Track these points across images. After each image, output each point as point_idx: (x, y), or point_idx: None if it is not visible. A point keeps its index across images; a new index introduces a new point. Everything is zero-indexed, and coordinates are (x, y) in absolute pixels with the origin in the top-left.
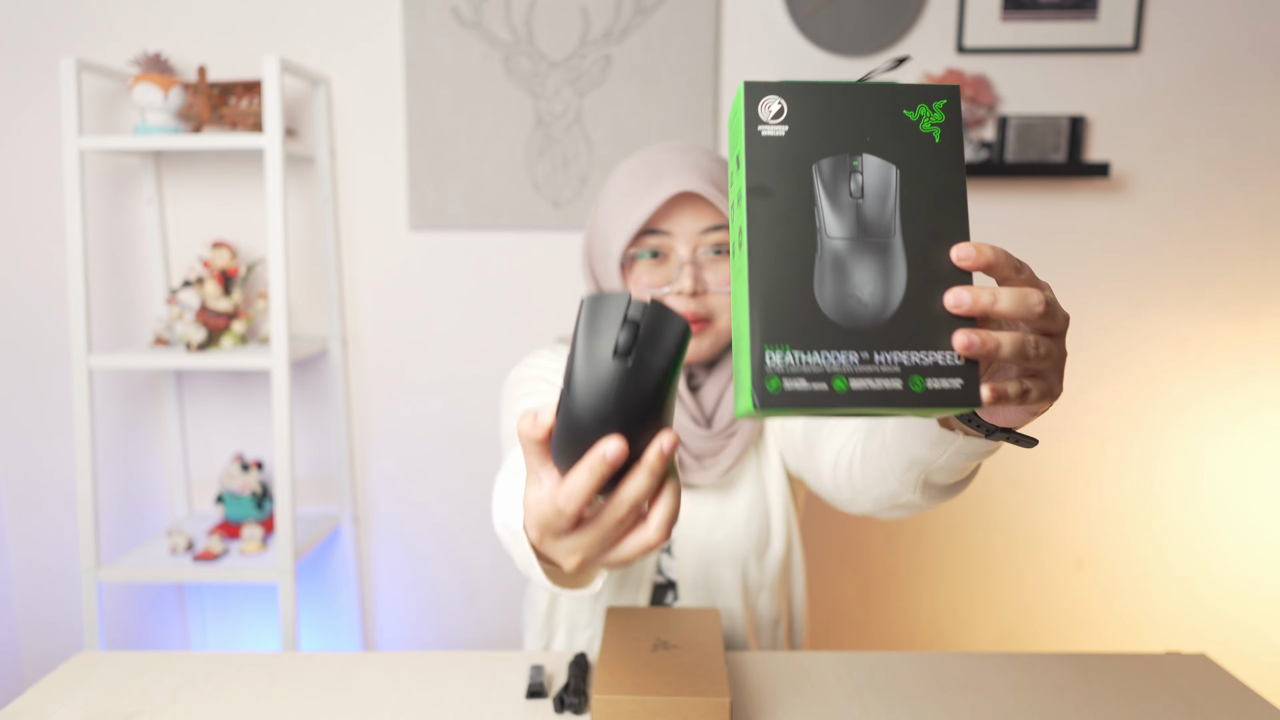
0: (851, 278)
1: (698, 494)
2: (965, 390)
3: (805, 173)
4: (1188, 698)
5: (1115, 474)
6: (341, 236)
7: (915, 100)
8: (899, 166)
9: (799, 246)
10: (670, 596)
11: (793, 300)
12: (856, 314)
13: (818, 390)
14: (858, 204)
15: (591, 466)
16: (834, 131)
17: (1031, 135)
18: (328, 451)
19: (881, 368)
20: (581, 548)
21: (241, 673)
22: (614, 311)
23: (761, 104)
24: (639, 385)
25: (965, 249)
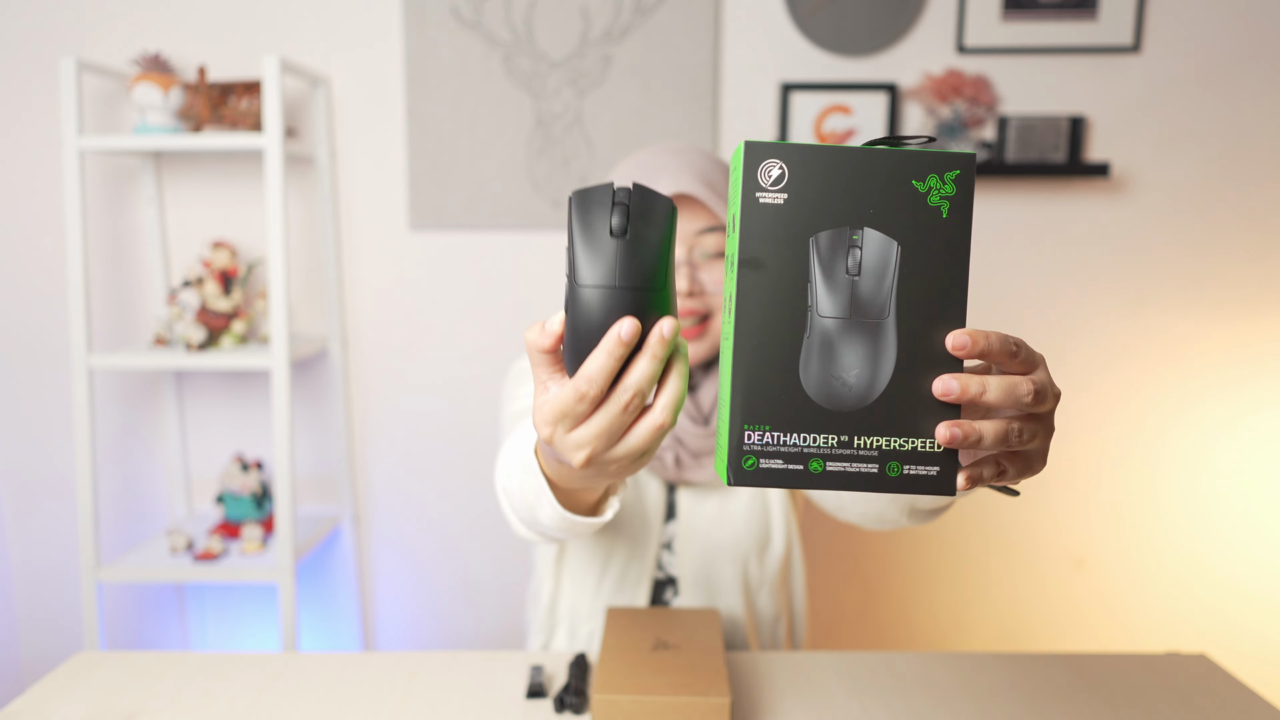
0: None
1: (699, 492)
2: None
3: (801, 244)
4: (1188, 698)
5: (1115, 474)
6: (341, 236)
7: (926, 170)
8: (901, 243)
9: (787, 323)
10: (671, 593)
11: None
12: (840, 396)
13: (793, 470)
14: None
15: (609, 349)
16: (836, 200)
17: (1031, 135)
18: (328, 451)
19: (859, 452)
20: (591, 439)
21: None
22: (603, 198)
23: (761, 168)
24: (640, 257)
25: (960, 338)
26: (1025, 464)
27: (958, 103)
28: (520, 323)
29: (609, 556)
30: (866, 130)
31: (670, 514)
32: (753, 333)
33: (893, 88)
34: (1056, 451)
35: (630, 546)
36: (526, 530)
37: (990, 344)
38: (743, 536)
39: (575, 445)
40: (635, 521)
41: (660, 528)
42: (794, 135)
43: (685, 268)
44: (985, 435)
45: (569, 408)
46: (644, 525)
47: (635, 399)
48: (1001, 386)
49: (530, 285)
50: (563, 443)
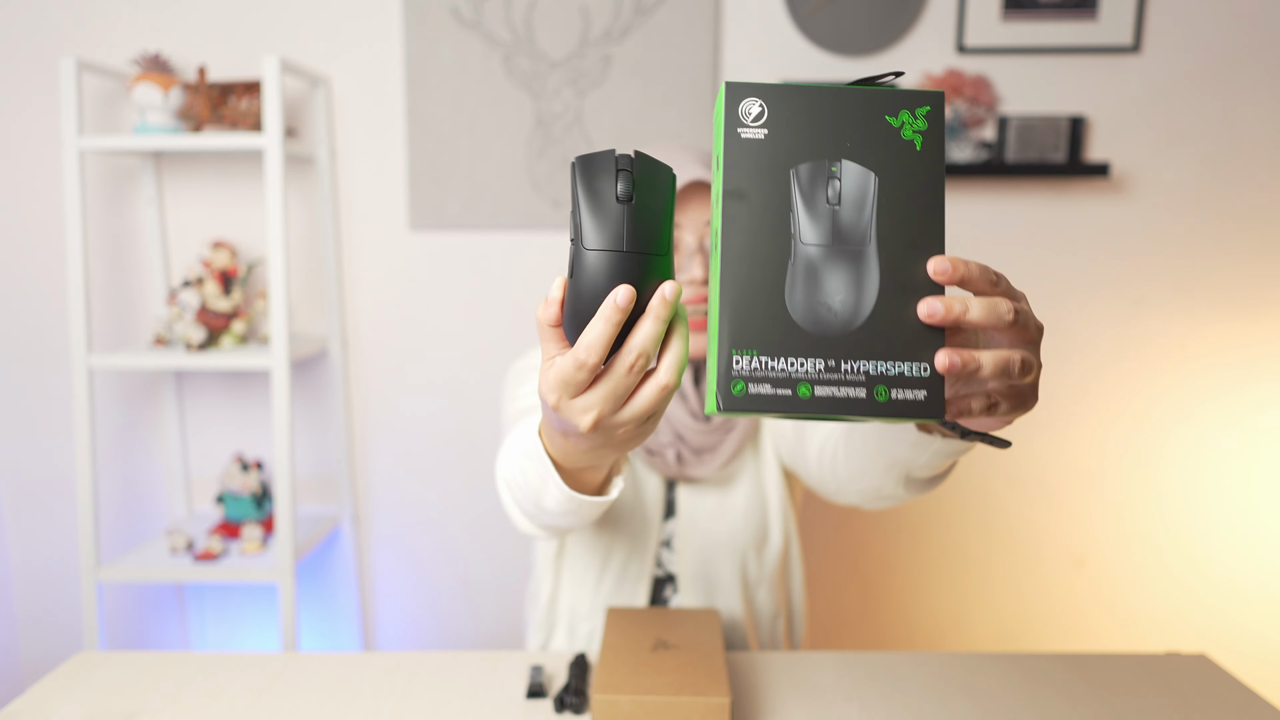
0: (823, 285)
1: (697, 488)
2: (929, 402)
3: (783, 177)
4: (1188, 698)
5: (1115, 474)
6: (341, 236)
7: (898, 106)
8: (878, 174)
9: (772, 252)
10: (670, 590)
11: (762, 306)
12: (826, 322)
13: (781, 395)
14: (834, 211)
15: (607, 315)
16: (814, 135)
17: (1031, 135)
18: (328, 451)
19: (847, 376)
20: (597, 402)
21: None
22: (607, 164)
23: (741, 106)
24: (645, 223)
25: (942, 262)
26: (1019, 399)
27: (958, 103)
28: (520, 323)
29: (608, 554)
30: None
31: (670, 511)
32: (738, 261)
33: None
34: (1057, 451)
35: (630, 544)
36: (529, 523)
37: (970, 271)
38: (740, 532)
39: (582, 409)
40: (635, 519)
41: (660, 525)
42: None
43: (699, 255)
44: (985, 364)
45: (569, 375)
46: (643, 523)
47: (640, 360)
48: (983, 306)
49: (530, 285)
50: (569, 408)
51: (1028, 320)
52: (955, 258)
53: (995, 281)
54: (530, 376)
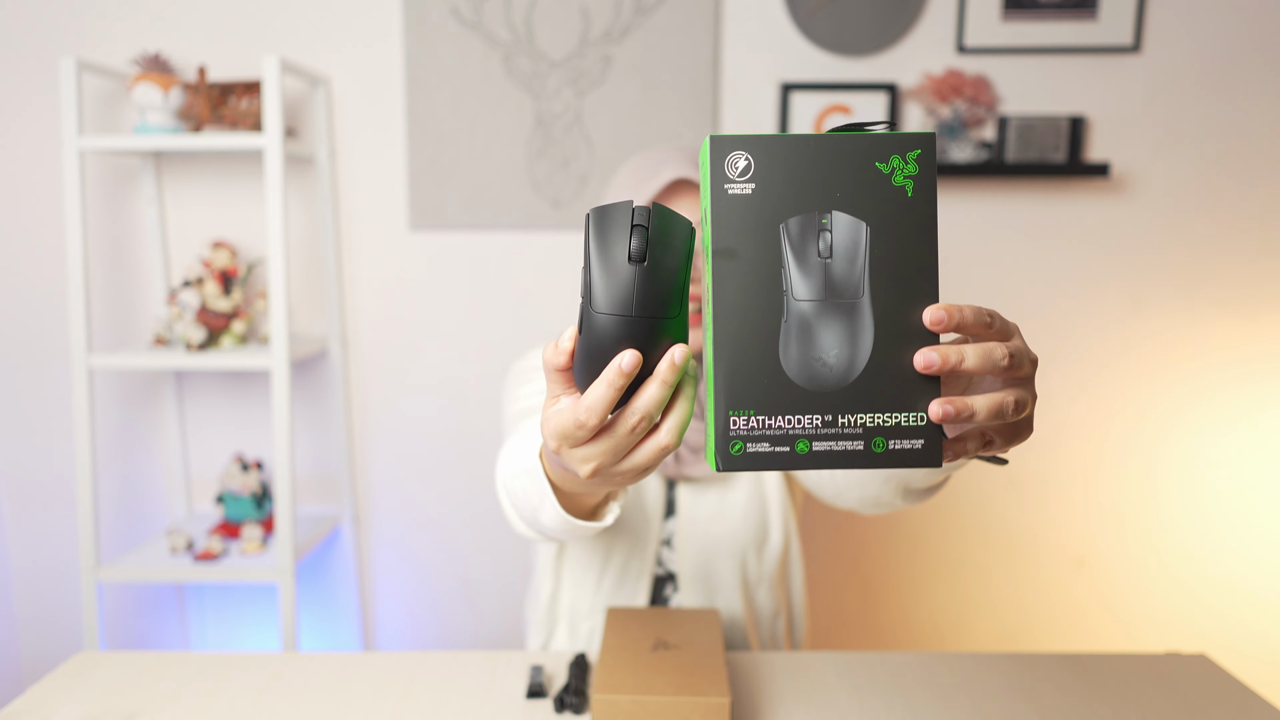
0: (817, 340)
1: (697, 487)
2: (926, 451)
3: (772, 232)
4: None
5: (1115, 474)
6: (341, 236)
7: (888, 151)
8: (869, 223)
9: (765, 309)
10: (670, 589)
11: (757, 364)
12: (821, 377)
13: (780, 453)
14: (826, 264)
15: (610, 379)
16: (803, 187)
17: (1031, 135)
18: (328, 451)
19: (844, 430)
20: (597, 455)
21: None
22: (622, 219)
23: (727, 161)
24: (657, 284)
25: (938, 312)
26: (1013, 433)
27: (958, 103)
28: (520, 323)
29: (609, 554)
30: None
31: (670, 510)
32: (731, 321)
33: (893, 88)
34: (1057, 451)
35: (630, 543)
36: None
37: (965, 316)
38: (740, 532)
39: (581, 459)
40: (635, 518)
41: (660, 524)
42: None
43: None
44: (978, 410)
45: (569, 431)
46: (644, 522)
47: (643, 423)
48: (978, 353)
49: (530, 285)
50: (569, 456)
51: (1022, 359)
52: (950, 305)
53: (989, 323)
54: (531, 377)
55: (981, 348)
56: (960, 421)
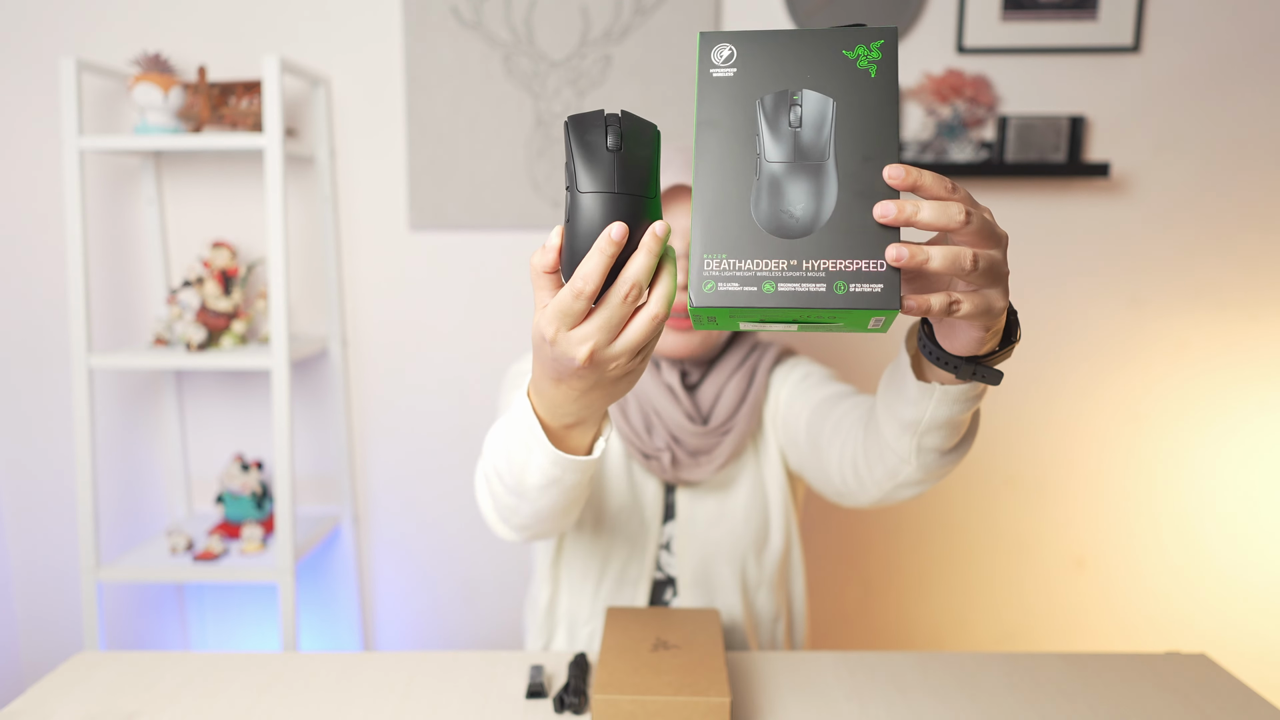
0: (786, 196)
1: (697, 491)
2: (885, 294)
3: (750, 106)
4: (1188, 698)
5: (1115, 474)
6: (341, 236)
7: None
8: (836, 99)
9: (740, 170)
10: (670, 593)
11: (731, 216)
12: (788, 227)
13: (748, 291)
14: (795, 132)
15: (601, 247)
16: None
17: (1031, 135)
18: (328, 451)
19: (808, 273)
20: (593, 333)
21: (241, 673)
22: (597, 121)
23: (714, 50)
24: (634, 168)
25: (896, 169)
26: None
27: (958, 103)
28: (520, 323)
29: (607, 558)
30: None
31: (669, 515)
32: (711, 179)
33: None
34: (1057, 451)
35: (629, 547)
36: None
37: (923, 179)
38: (740, 535)
39: (579, 340)
40: (633, 522)
41: (659, 528)
42: None
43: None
44: (934, 256)
45: (567, 306)
46: (642, 526)
47: (633, 290)
48: (935, 208)
49: (530, 285)
50: (566, 340)
51: (984, 225)
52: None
53: (952, 189)
54: (524, 381)
55: (939, 204)
56: (915, 265)
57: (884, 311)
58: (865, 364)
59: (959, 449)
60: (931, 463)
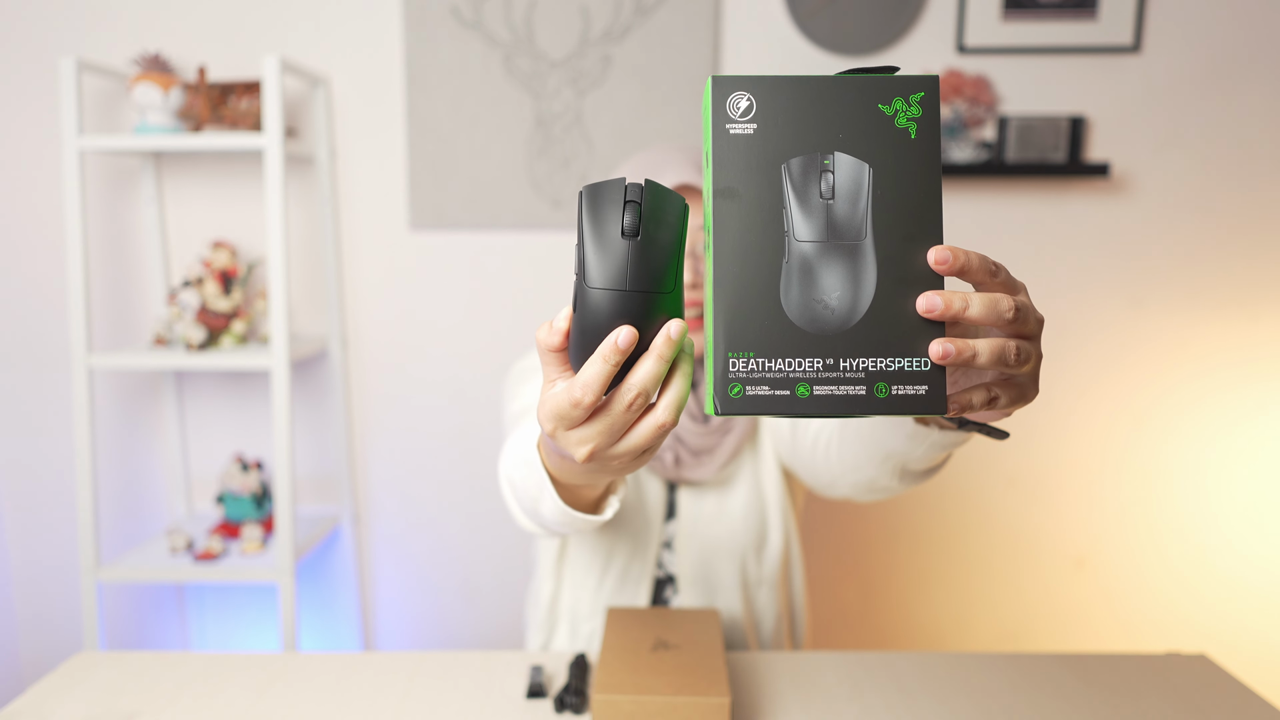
0: (819, 282)
1: (697, 490)
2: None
3: (774, 172)
4: (1188, 698)
5: (1115, 474)
6: (341, 236)
7: (891, 93)
8: (872, 165)
9: (766, 250)
10: (671, 591)
11: (758, 306)
12: (823, 319)
13: (780, 396)
14: (828, 205)
15: (605, 354)
16: (805, 128)
17: (1031, 135)
18: (328, 451)
19: (846, 374)
20: (594, 436)
21: (241, 673)
22: (615, 195)
23: (729, 100)
24: (650, 260)
25: (943, 252)
26: (1018, 392)
27: (958, 103)
28: (520, 322)
29: (610, 555)
30: None
31: (671, 513)
32: (732, 261)
33: None
34: (1057, 451)
35: (631, 545)
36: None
37: (970, 261)
38: (740, 534)
39: (578, 441)
40: (636, 520)
41: (661, 526)
42: None
43: (689, 259)
44: (980, 352)
45: (565, 411)
46: (645, 524)
47: (639, 399)
48: (984, 301)
49: (530, 285)
50: (565, 439)
51: (1028, 314)
52: (955, 247)
53: (994, 272)
54: (531, 377)
55: (987, 297)
56: (962, 363)
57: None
58: None
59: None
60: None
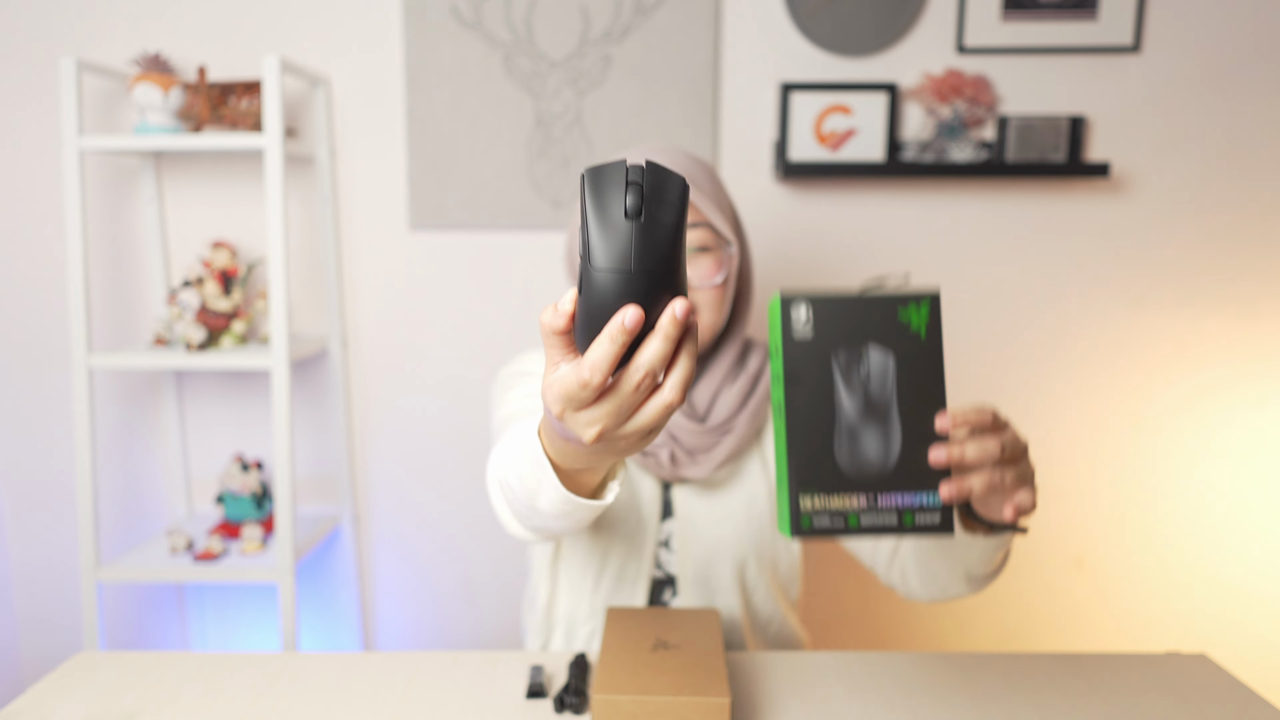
0: (861, 441)
1: (695, 490)
2: (942, 523)
3: (827, 362)
4: (1188, 698)
5: (1115, 474)
6: (341, 236)
7: (907, 302)
8: (895, 356)
9: (824, 419)
10: (669, 592)
11: (820, 460)
12: (866, 468)
13: (837, 524)
14: (865, 385)
15: (613, 335)
16: (848, 330)
17: (1031, 135)
18: (328, 451)
19: (883, 508)
20: (602, 417)
21: (241, 673)
22: (616, 177)
23: (794, 313)
24: (654, 240)
25: (944, 419)
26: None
27: (958, 103)
28: (520, 322)
29: (606, 557)
30: (866, 130)
31: (667, 512)
32: (802, 428)
33: (893, 88)
34: (1057, 451)
35: (627, 546)
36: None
37: (967, 417)
38: (742, 535)
39: (586, 422)
40: (631, 520)
41: (657, 526)
42: (794, 135)
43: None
44: (975, 487)
45: (574, 392)
46: (640, 524)
47: (647, 379)
48: (978, 448)
49: (530, 285)
50: (573, 420)
51: (1014, 447)
52: (954, 412)
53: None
54: (517, 382)
55: (980, 445)
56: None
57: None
58: None
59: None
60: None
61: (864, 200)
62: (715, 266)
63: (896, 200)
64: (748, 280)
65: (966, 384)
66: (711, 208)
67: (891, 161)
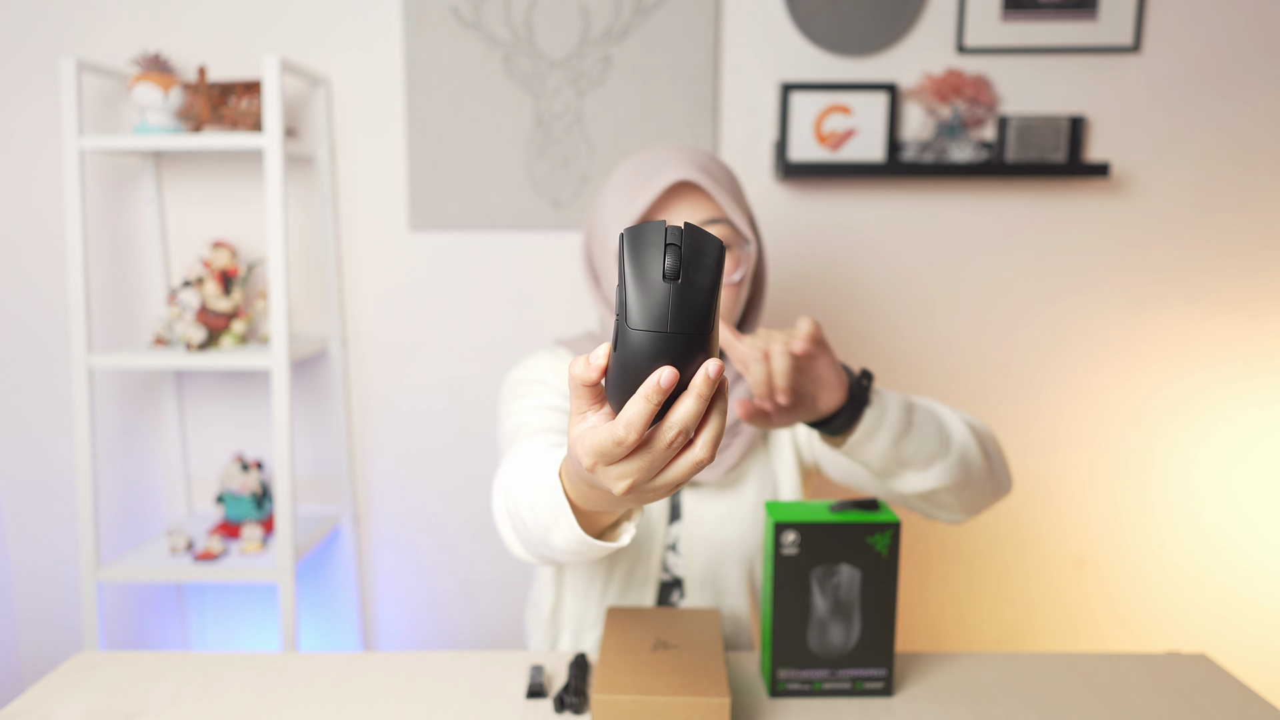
0: (829, 632)
1: (705, 492)
2: (884, 686)
3: (806, 576)
4: (1188, 698)
5: (1115, 474)
6: (341, 236)
7: (874, 531)
8: (863, 572)
9: (801, 612)
10: (677, 595)
11: (795, 642)
12: (830, 650)
13: (804, 689)
14: (836, 593)
15: (648, 394)
16: (826, 549)
17: (1031, 135)
18: (328, 451)
19: (840, 678)
20: (634, 471)
21: (241, 673)
22: (655, 238)
23: (783, 536)
24: (691, 302)
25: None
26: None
27: (958, 103)
28: (521, 323)
29: (613, 563)
30: (866, 130)
31: (674, 515)
32: (783, 621)
33: (893, 88)
34: (1056, 451)
35: (634, 551)
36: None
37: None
38: (749, 536)
39: (618, 476)
40: (639, 526)
41: (664, 529)
42: (794, 135)
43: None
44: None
45: (607, 449)
46: (647, 527)
47: (679, 437)
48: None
49: (530, 285)
50: (605, 473)
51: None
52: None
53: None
54: (525, 391)
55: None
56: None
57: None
58: (873, 361)
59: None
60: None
61: (864, 200)
62: (733, 264)
63: (896, 200)
64: (762, 279)
65: (967, 384)
66: (732, 205)
67: (891, 161)
